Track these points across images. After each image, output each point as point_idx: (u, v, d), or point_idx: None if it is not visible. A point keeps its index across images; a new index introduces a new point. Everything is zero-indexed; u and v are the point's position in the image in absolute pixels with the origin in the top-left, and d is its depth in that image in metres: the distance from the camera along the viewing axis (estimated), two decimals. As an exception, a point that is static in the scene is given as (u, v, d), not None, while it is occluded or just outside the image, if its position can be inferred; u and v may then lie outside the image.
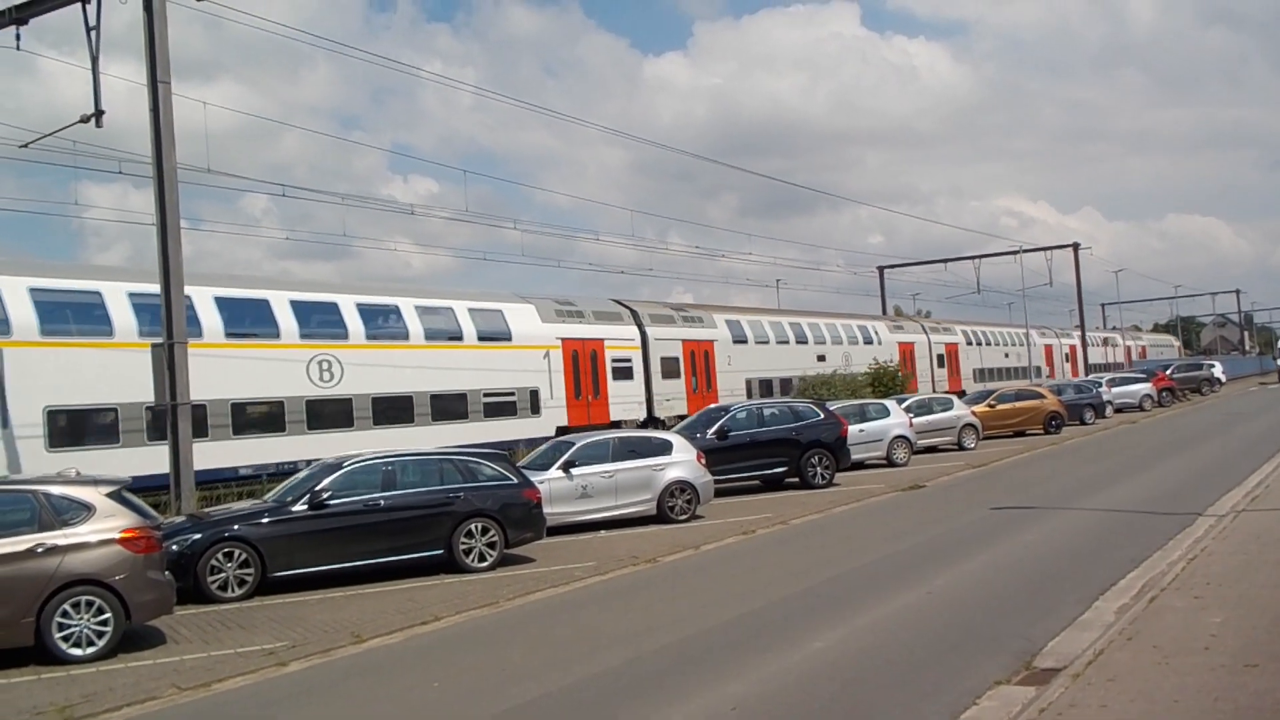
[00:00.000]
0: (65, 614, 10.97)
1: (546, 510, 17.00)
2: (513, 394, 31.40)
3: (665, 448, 20.57)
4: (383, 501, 15.34)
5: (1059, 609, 10.80)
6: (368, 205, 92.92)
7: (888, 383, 44.26)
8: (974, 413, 35.04)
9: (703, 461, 20.81)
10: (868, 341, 50.35)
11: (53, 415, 21.43)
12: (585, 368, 34.03)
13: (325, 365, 26.59)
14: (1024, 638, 9.73)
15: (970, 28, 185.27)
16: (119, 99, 17.25)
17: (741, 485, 24.36)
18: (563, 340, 33.43)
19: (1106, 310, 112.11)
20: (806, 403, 27.91)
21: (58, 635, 10.93)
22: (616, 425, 32.31)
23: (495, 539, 15.76)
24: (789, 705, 8.36)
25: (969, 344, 61.74)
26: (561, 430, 30.77)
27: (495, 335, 31.55)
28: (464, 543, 15.54)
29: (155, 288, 20.09)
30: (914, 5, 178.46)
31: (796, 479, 24.59)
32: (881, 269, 72.87)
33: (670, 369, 37.58)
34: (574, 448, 19.87)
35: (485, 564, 15.59)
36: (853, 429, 26.99)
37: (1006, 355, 64.87)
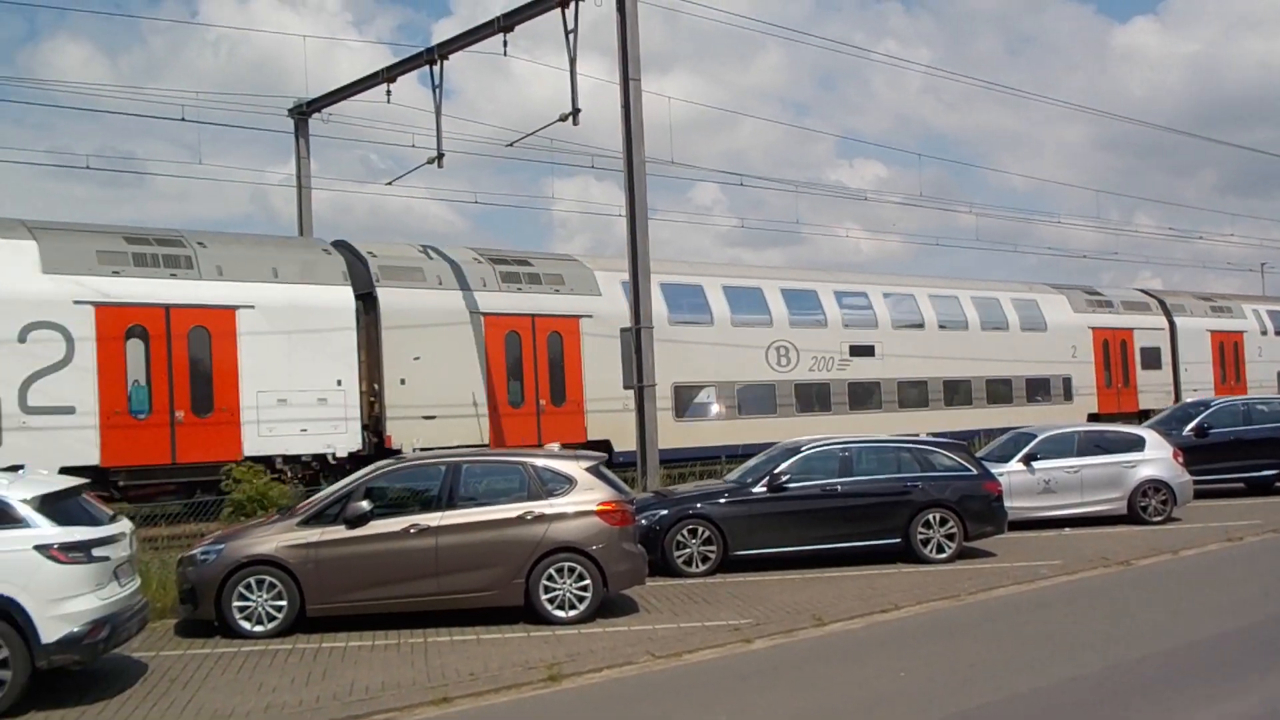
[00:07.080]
0: (550, 578, 11.85)
1: (1006, 504, 16.34)
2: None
3: (1137, 444, 19.20)
4: (840, 487, 15.40)
5: None
6: (819, 191, 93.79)
7: None
8: None
9: (1180, 460, 19.22)
10: None
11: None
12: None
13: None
14: None
15: None
16: (582, 96, 18.71)
17: (1221, 488, 22.26)
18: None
19: None
20: (1303, 399, 25.13)
21: (544, 597, 11.82)
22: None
23: (954, 530, 15.37)
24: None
25: None
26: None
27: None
28: (921, 533, 15.27)
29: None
30: None
31: (1289, 483, 22.15)
32: (1391, 250, 64.26)
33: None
34: (1036, 440, 18.98)
35: (943, 555, 15.25)
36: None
37: None
